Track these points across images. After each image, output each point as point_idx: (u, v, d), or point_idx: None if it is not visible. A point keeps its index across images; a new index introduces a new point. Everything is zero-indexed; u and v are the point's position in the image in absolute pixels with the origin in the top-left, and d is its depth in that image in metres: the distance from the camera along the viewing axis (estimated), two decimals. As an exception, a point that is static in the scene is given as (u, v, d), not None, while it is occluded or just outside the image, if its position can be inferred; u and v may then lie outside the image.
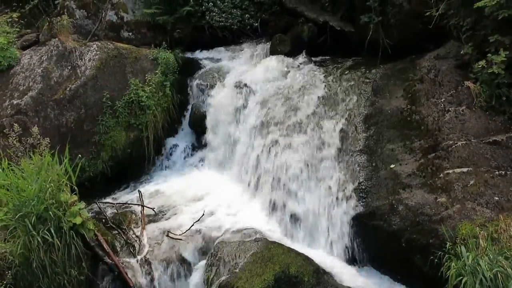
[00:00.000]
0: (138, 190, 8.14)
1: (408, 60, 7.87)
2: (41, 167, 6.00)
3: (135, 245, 6.93)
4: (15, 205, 5.75)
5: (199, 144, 9.31)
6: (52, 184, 5.93)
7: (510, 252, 4.70)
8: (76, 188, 6.27)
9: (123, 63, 9.01)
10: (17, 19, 9.28)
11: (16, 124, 6.74)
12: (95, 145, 8.45)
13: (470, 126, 6.32)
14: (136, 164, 9.00)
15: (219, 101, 8.97)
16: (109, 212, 7.64)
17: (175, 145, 9.43)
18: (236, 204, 7.69)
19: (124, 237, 7.05)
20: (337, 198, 6.78)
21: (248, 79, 8.85)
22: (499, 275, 4.54)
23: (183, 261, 6.73)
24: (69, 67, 8.63)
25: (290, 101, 8.07)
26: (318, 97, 7.90)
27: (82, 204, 6.25)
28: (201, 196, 7.94)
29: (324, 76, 8.27)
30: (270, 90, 8.48)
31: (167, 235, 6.97)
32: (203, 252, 6.78)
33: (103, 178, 8.55)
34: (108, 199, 8.22)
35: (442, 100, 6.76)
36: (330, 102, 7.76)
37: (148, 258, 6.70)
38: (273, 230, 7.09)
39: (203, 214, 7.18)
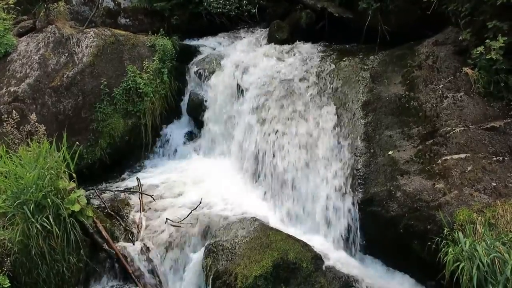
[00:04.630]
0: (137, 177, 8.13)
1: (406, 47, 7.85)
2: (39, 154, 6.01)
3: (134, 232, 6.96)
4: (14, 192, 5.76)
5: (197, 131, 9.30)
6: (50, 171, 5.94)
7: (507, 237, 4.72)
8: (74, 175, 6.28)
9: (121, 50, 8.98)
10: (13, 6, 9.20)
11: (13, 112, 6.73)
12: (93, 132, 8.44)
13: (468, 112, 6.32)
14: (134, 151, 9.00)
15: (217, 88, 8.95)
16: (108, 199, 7.63)
17: (173, 132, 9.41)
18: (235, 190, 7.70)
19: (123, 224, 7.07)
20: (335, 185, 6.79)
21: (246, 66, 8.81)
22: (496, 260, 4.57)
23: (182, 247, 6.76)
24: (66, 54, 8.59)
25: (288, 88, 8.04)
26: (316, 83, 7.88)
27: (81, 191, 6.26)
28: (200, 183, 7.95)
29: (322, 63, 8.24)
30: (268, 77, 8.45)
31: (166, 222, 6.99)
32: (201, 238, 6.81)
33: (102, 165, 8.56)
34: (107, 186, 8.23)
35: (440, 86, 6.75)
36: (328, 89, 7.74)
37: (147, 245, 6.72)
38: (272, 217, 7.11)
39: (200, 202, 7.19)
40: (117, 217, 7.20)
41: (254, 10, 10.37)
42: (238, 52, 9.47)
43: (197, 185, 7.96)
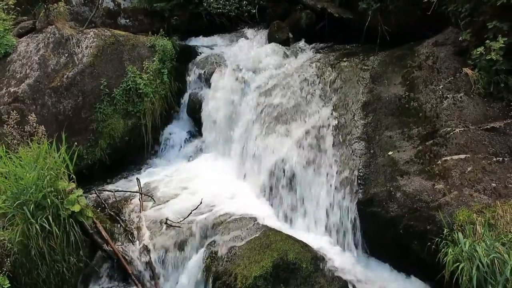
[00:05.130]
0: (137, 178, 8.13)
1: (406, 47, 7.85)
2: (39, 155, 6.00)
3: (134, 233, 6.95)
4: (13, 193, 5.76)
5: (196, 131, 9.30)
6: (50, 172, 5.93)
7: (507, 238, 4.72)
8: (74, 176, 6.27)
9: (121, 50, 8.98)
10: (13, 6, 9.20)
11: (13, 112, 6.73)
12: (93, 132, 8.44)
13: (468, 113, 6.32)
14: (134, 152, 9.00)
15: (216, 89, 8.95)
16: (108, 199, 7.64)
17: (173, 133, 9.43)
18: (235, 191, 7.69)
19: (123, 225, 7.07)
20: (335, 185, 6.78)
21: (246, 66, 8.81)
22: (495, 261, 4.57)
23: (181, 248, 6.75)
24: (66, 55, 8.59)
25: (288, 88, 8.05)
26: (316, 83, 7.88)
27: (80, 192, 6.25)
28: (200, 183, 7.94)
29: (322, 63, 8.24)
30: (268, 78, 8.45)
31: (166, 223, 6.99)
32: (201, 239, 6.80)
33: (101, 165, 8.56)
34: (107, 187, 8.23)
35: (440, 87, 6.75)
36: (328, 89, 7.75)
37: (146, 246, 6.72)
38: (272, 217, 7.10)
39: (201, 203, 7.19)
40: (117, 218, 7.21)
41: (254, 11, 10.38)
42: (238, 53, 9.48)
43: (197, 185, 7.96)
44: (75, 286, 6.22)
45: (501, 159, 5.76)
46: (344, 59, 8.20)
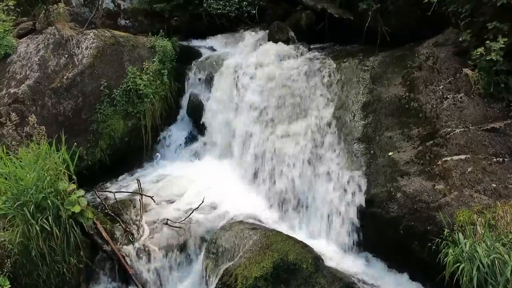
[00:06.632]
0: (137, 179, 8.11)
1: (406, 48, 7.84)
2: (39, 155, 6.00)
3: (134, 234, 6.95)
4: (14, 194, 5.76)
5: (197, 132, 9.29)
6: (50, 173, 5.93)
7: (507, 238, 4.72)
8: (74, 176, 6.27)
9: (121, 51, 8.97)
10: (13, 7, 9.20)
11: (13, 113, 6.73)
12: (93, 133, 8.43)
13: (468, 113, 6.32)
14: (135, 153, 8.99)
15: (217, 89, 8.95)
16: (108, 200, 7.63)
17: (173, 133, 9.41)
18: (236, 192, 7.70)
19: (123, 226, 7.06)
20: (335, 186, 6.79)
21: (245, 67, 8.80)
22: (496, 261, 4.57)
23: (182, 249, 6.75)
24: (66, 56, 8.59)
25: (288, 89, 8.04)
26: (316, 84, 7.88)
27: (81, 193, 6.26)
28: (200, 184, 7.94)
29: (321, 64, 8.23)
30: (268, 78, 8.44)
31: (166, 224, 6.99)
32: (202, 240, 6.80)
33: (102, 166, 8.55)
34: (107, 188, 8.22)
35: (441, 87, 6.75)
36: (328, 89, 7.74)
37: (147, 246, 6.72)
38: (272, 218, 7.13)
39: (202, 202, 7.19)
40: (117, 218, 7.20)
41: (254, 11, 10.35)
42: (238, 53, 9.46)
43: (197, 186, 7.96)
44: (75, 287, 6.21)
45: (501, 159, 5.76)
46: (344, 60, 8.18)
